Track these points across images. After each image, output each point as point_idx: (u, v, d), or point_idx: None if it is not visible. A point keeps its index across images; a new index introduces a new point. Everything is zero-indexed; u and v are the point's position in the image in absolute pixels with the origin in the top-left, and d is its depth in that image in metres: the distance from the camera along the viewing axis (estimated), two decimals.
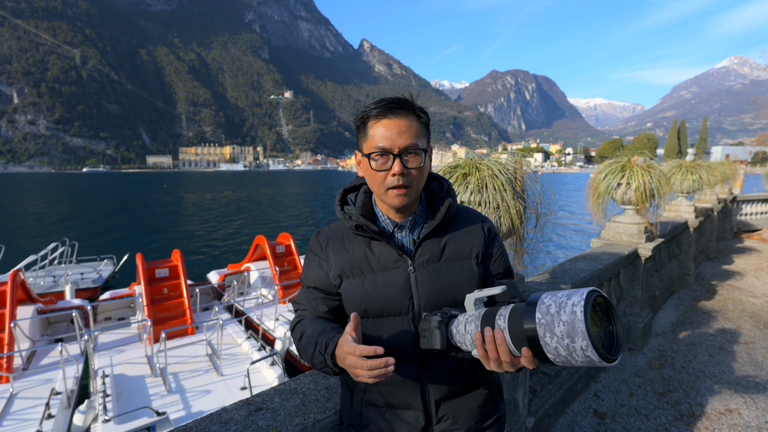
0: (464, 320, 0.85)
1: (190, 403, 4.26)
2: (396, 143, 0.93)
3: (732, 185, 10.28)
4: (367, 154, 0.96)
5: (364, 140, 0.97)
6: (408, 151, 0.93)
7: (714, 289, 5.89)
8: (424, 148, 0.96)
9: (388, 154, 0.93)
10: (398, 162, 0.93)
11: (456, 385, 1.04)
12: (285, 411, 1.35)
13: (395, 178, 0.94)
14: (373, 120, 0.95)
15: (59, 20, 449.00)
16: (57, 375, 4.66)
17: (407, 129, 0.93)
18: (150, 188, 64.08)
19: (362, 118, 0.97)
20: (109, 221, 25.25)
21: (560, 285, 2.79)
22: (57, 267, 10.03)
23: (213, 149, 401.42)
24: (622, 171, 3.94)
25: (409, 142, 0.93)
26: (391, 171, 0.94)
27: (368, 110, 0.95)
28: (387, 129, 0.93)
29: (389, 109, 0.93)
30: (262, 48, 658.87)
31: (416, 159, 0.95)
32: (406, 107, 0.95)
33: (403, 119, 0.94)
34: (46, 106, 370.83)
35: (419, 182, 0.98)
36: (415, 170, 0.95)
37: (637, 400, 3.10)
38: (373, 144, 0.94)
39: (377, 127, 0.94)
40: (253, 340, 5.60)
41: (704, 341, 4.16)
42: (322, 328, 1.00)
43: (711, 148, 64.33)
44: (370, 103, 0.96)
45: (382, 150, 0.93)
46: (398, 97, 0.96)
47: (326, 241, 1.08)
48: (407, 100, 0.96)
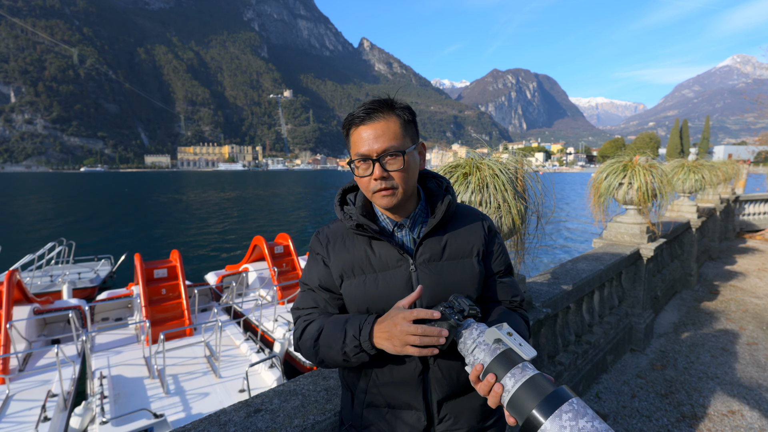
0: (476, 341, 0.82)
1: (189, 405, 4.26)
2: (373, 148, 0.94)
3: (735, 185, 10.28)
4: (350, 161, 0.99)
5: (349, 147, 1.00)
6: (386, 154, 0.94)
7: (716, 290, 5.89)
8: (403, 149, 0.95)
9: (368, 160, 0.95)
10: (378, 166, 0.94)
11: (458, 384, 1.04)
12: (284, 412, 1.34)
13: (377, 183, 0.96)
14: (354, 127, 0.97)
15: (57, 19, 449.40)
16: (53, 376, 4.65)
17: (383, 132, 0.94)
18: (147, 188, 64.08)
19: (346, 126, 1.00)
20: (106, 221, 25.25)
21: (562, 285, 2.78)
22: (54, 267, 10.04)
23: (211, 149, 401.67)
24: (623, 171, 3.94)
25: (386, 145, 0.94)
26: (372, 176, 0.95)
27: (351, 117, 0.97)
28: (365, 135, 0.95)
29: (367, 113, 0.95)
30: (261, 47, 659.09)
31: (396, 161, 0.95)
32: (386, 109, 0.96)
33: (380, 122, 0.95)
34: (43, 105, 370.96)
35: (406, 182, 0.98)
36: (397, 172, 0.96)
37: (639, 401, 3.10)
38: (355, 151, 0.97)
39: (357, 133, 0.96)
40: (251, 342, 5.60)
41: (707, 342, 4.16)
42: (347, 317, 0.99)
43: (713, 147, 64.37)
44: (356, 108, 0.98)
45: (362, 156, 0.95)
46: (377, 99, 0.97)
47: (327, 240, 1.08)
48: (386, 100, 0.97)
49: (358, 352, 0.94)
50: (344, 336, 0.95)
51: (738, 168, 9.69)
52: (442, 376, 1.02)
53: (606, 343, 3.53)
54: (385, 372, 1.03)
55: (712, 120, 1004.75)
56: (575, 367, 3.05)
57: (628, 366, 3.67)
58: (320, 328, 1.01)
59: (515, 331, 0.86)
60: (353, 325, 0.95)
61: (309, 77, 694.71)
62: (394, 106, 0.97)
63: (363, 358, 0.95)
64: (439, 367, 1.02)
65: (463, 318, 0.87)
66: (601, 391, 3.22)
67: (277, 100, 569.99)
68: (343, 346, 0.95)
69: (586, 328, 3.33)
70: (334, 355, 0.97)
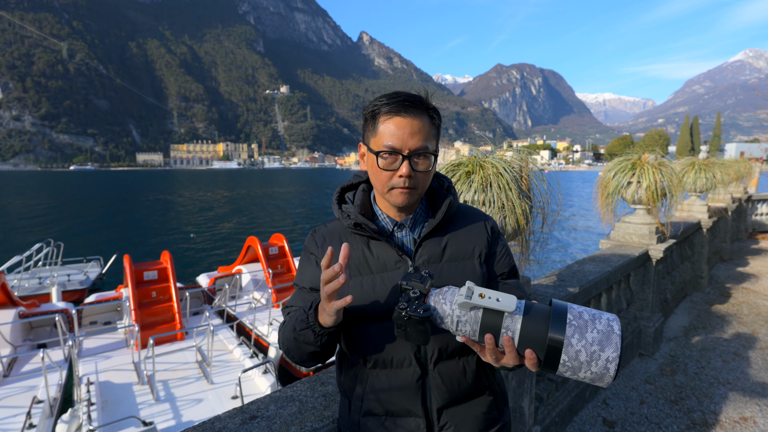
0: (453, 317, 0.81)
1: (179, 412, 4.25)
2: (407, 144, 0.93)
3: (747, 184, 10.29)
4: (376, 151, 0.95)
5: (372, 135, 0.97)
6: (418, 153, 0.94)
7: (728, 292, 5.89)
8: (434, 151, 0.96)
9: (396, 154, 0.94)
10: (407, 164, 0.93)
11: (459, 391, 1.03)
12: (281, 419, 1.34)
13: (402, 180, 0.94)
14: (384, 116, 0.94)
15: (45, 12, 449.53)
16: (39, 382, 4.63)
17: (419, 130, 0.93)
18: (138, 187, 64.07)
19: (373, 112, 0.96)
20: (96, 221, 25.25)
21: (568, 288, 2.78)
22: (42, 269, 10.03)
23: (206, 146, 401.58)
24: (632, 169, 3.93)
25: (420, 144, 0.93)
26: (398, 172, 0.94)
27: (380, 104, 0.94)
28: (399, 128, 0.93)
29: (403, 106, 0.93)
30: (257, 41, 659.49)
31: (425, 162, 0.95)
32: (421, 106, 0.95)
33: (417, 119, 0.94)
34: (31, 102, 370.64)
35: (425, 184, 0.99)
36: (423, 173, 0.96)
37: (648, 407, 3.09)
38: (383, 142, 0.94)
39: (388, 124, 0.94)
40: (245, 347, 5.59)
41: (718, 346, 4.15)
42: (303, 307, 1.00)
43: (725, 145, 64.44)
44: (383, 95, 0.96)
45: (392, 149, 0.93)
46: (413, 95, 0.96)
47: (322, 239, 1.08)
48: (422, 98, 0.96)
49: (304, 327, 0.93)
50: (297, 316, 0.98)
51: (750, 166, 9.70)
52: (442, 383, 1.01)
53: None
54: (381, 377, 1.02)
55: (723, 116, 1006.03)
56: None
57: (636, 371, 3.66)
58: (289, 319, 1.04)
59: None
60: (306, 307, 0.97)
61: (306, 72, 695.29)
62: (429, 107, 0.97)
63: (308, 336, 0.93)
64: (438, 373, 1.01)
65: (424, 300, 0.83)
66: (608, 397, 3.22)
67: (274, 96, 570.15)
68: (294, 329, 0.96)
69: None
70: (288, 333, 0.99)
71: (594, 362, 0.70)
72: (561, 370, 0.73)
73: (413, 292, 0.83)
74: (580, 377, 0.73)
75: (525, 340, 0.75)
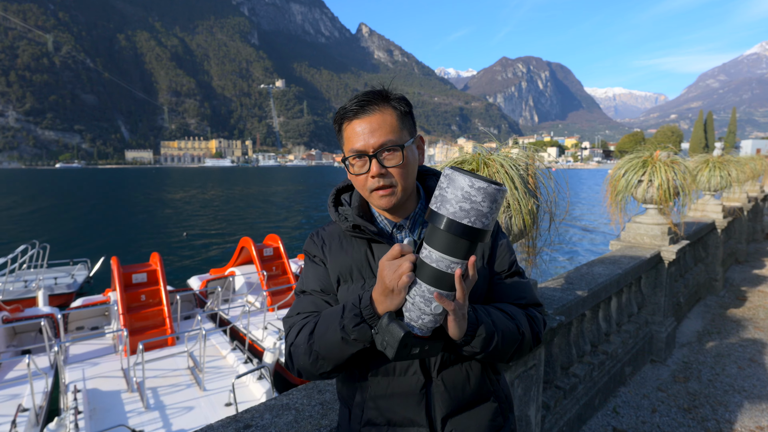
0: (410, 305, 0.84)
1: (170, 420, 4.26)
2: (369, 143, 0.94)
3: (763, 182, 10.29)
4: (345, 158, 0.98)
5: (342, 143, 1.00)
6: (383, 149, 0.94)
7: (744, 296, 5.89)
8: (401, 143, 0.95)
9: (364, 156, 0.95)
10: (375, 162, 0.94)
11: (463, 398, 1.03)
12: (276, 428, 1.34)
13: (375, 180, 0.95)
14: (346, 122, 0.97)
15: (30, 2, 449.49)
16: (24, 390, 4.64)
17: (380, 125, 0.94)
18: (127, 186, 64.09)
19: (338, 121, 0.99)
20: (83, 222, 25.26)
21: (576, 291, 2.78)
22: (27, 271, 10.03)
23: (198, 143, 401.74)
24: (643, 167, 3.93)
25: (383, 139, 0.94)
26: (369, 173, 0.95)
27: (343, 111, 0.97)
28: (359, 129, 0.94)
29: (360, 106, 0.94)
30: (251, 33, 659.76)
31: (394, 156, 0.95)
32: (380, 100, 0.95)
33: (375, 115, 0.94)
34: (15, 96, 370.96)
35: (405, 179, 0.98)
36: (395, 168, 0.95)
37: (660, 416, 3.10)
38: (349, 147, 0.97)
39: (350, 128, 0.96)
40: (239, 352, 5.60)
41: (733, 352, 4.16)
42: (343, 304, 0.95)
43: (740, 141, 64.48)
44: (348, 101, 0.97)
45: (357, 152, 0.95)
46: (370, 91, 0.97)
47: (322, 242, 1.08)
48: (380, 91, 0.97)
49: (359, 322, 0.88)
50: (342, 310, 0.92)
51: (767, 164, 9.69)
52: (446, 390, 1.01)
53: (624, 353, 3.52)
54: (383, 385, 1.02)
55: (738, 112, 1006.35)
56: (591, 380, 3.05)
57: (648, 378, 3.67)
58: (316, 322, 0.99)
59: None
60: (352, 301, 0.92)
61: (303, 66, 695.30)
62: (389, 98, 0.97)
63: (364, 332, 0.88)
64: (442, 380, 1.01)
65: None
66: (618, 405, 3.22)
67: (269, 90, 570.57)
68: (341, 321, 0.91)
69: (602, 338, 3.33)
70: (331, 335, 0.92)
71: (472, 198, 0.74)
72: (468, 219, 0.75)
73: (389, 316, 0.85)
74: (485, 208, 0.75)
75: (446, 250, 0.78)
